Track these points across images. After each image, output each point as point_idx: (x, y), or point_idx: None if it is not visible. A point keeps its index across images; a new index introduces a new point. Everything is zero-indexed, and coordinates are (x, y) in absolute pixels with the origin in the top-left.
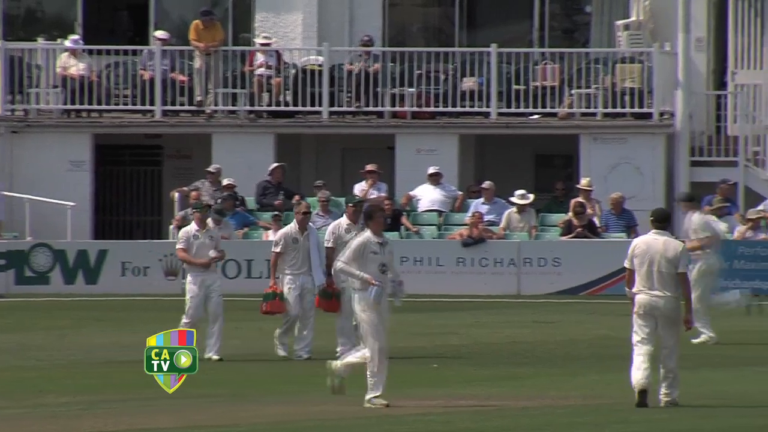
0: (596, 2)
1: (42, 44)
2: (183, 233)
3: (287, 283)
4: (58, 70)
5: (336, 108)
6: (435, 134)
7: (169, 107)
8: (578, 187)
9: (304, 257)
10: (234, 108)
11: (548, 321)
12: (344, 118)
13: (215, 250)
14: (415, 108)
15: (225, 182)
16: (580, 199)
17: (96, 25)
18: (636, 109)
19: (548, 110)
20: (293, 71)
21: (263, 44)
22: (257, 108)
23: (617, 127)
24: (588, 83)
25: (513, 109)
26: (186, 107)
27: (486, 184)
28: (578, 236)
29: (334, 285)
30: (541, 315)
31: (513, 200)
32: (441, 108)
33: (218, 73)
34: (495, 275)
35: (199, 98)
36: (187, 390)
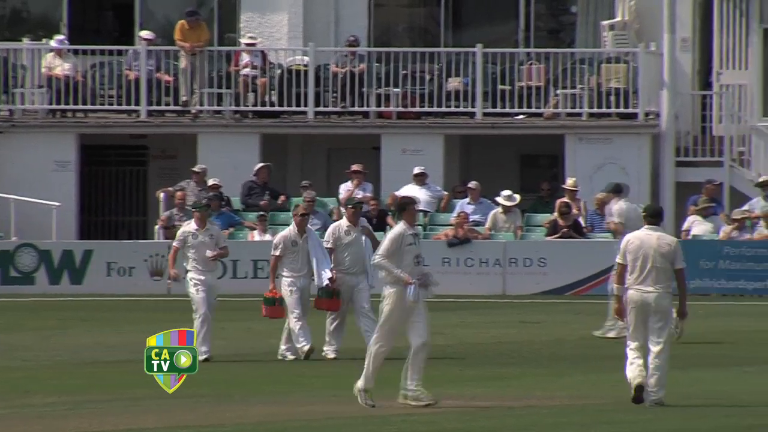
0: (582, 2)
1: (27, 44)
2: (181, 232)
3: (288, 286)
4: (44, 70)
5: (321, 108)
6: (420, 134)
7: (155, 107)
8: (564, 188)
9: (304, 260)
10: (219, 108)
11: (534, 321)
12: (330, 119)
13: (212, 250)
14: (401, 108)
15: (210, 182)
16: (566, 200)
17: (81, 25)
18: (621, 110)
19: (534, 110)
20: (279, 71)
21: (248, 44)
22: (243, 108)
23: (603, 128)
24: (573, 83)
25: (498, 110)
26: (171, 107)
27: (472, 185)
28: (564, 236)
29: (335, 284)
30: (527, 315)
31: (499, 201)
32: (426, 108)
33: (203, 74)
34: (480, 275)
35: (185, 98)
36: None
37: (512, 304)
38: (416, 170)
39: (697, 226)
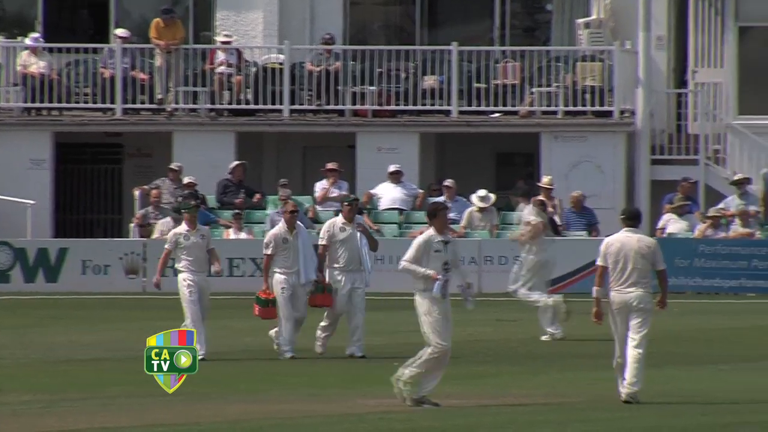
0: (557, 0)
1: (2, 42)
2: (171, 234)
3: (280, 284)
4: (19, 68)
5: (297, 106)
6: (396, 132)
7: (130, 105)
8: (539, 186)
9: (295, 257)
10: (195, 106)
11: (510, 319)
12: (305, 117)
13: (204, 250)
14: (376, 106)
15: (186, 180)
16: (541, 198)
17: (57, 23)
18: (597, 108)
19: (509, 108)
20: (254, 69)
21: (224, 42)
22: (218, 106)
23: (578, 126)
24: (549, 81)
25: (474, 108)
26: (147, 105)
27: (447, 183)
28: None
29: (326, 281)
30: (503, 313)
31: (473, 201)
32: (402, 106)
33: (179, 72)
34: (456, 273)
35: (160, 96)
36: (148, 389)
37: (488, 303)
38: (391, 168)
39: (673, 225)
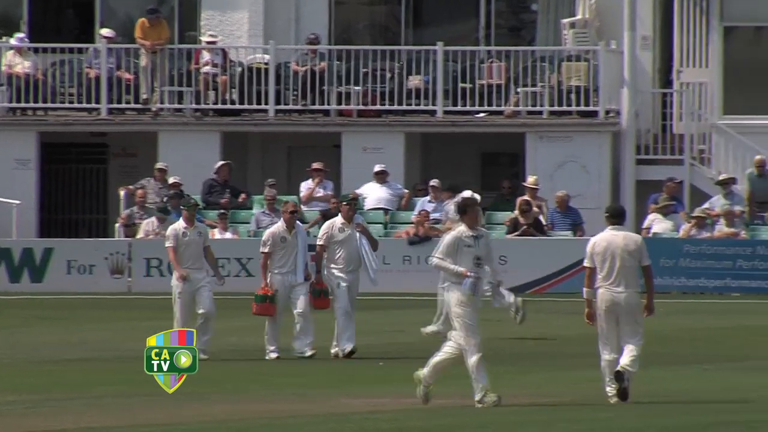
0: (542, 0)
1: None
2: (171, 231)
3: (276, 283)
4: (4, 68)
5: (282, 106)
6: (381, 132)
7: (115, 105)
8: (524, 186)
9: (293, 256)
10: (180, 106)
11: (495, 319)
12: (290, 117)
13: (201, 247)
14: (361, 106)
15: (171, 180)
16: (527, 198)
17: (42, 24)
18: (582, 108)
19: (494, 108)
20: (239, 69)
21: (209, 42)
22: (203, 106)
23: (563, 126)
24: (534, 81)
25: (459, 108)
26: (132, 105)
27: (433, 183)
28: (524, 234)
29: (323, 283)
30: (488, 313)
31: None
32: (387, 106)
33: (164, 72)
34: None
35: (145, 96)
36: (134, 389)
37: None
38: (377, 168)
39: (658, 224)
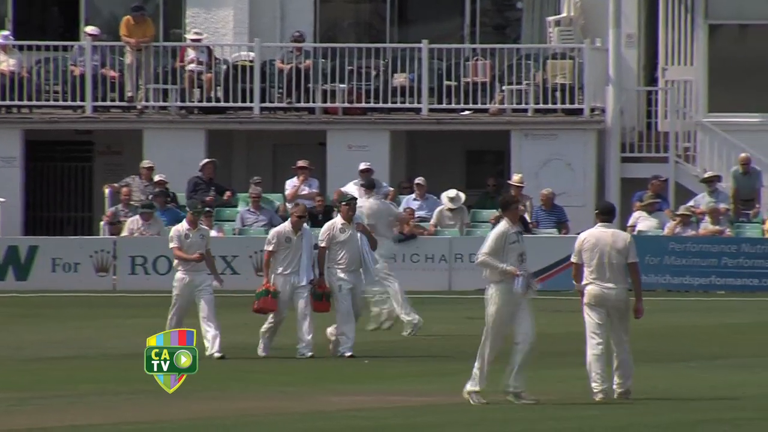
0: None
1: None
2: (174, 232)
3: (279, 284)
4: None
5: (267, 104)
6: (366, 130)
7: (100, 103)
8: (509, 183)
9: (297, 257)
10: (165, 104)
11: (480, 317)
12: (275, 114)
13: (203, 249)
14: (347, 104)
15: (157, 178)
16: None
17: (27, 21)
18: (567, 105)
19: (479, 106)
20: (224, 67)
21: (194, 40)
22: (188, 104)
23: (548, 123)
24: (519, 79)
25: (444, 105)
26: (117, 103)
27: (418, 180)
28: None
29: (325, 285)
30: (473, 311)
31: (443, 201)
32: (372, 104)
33: (149, 69)
34: (426, 271)
35: (130, 94)
36: (119, 387)
37: (458, 300)
38: (362, 166)
39: (643, 222)
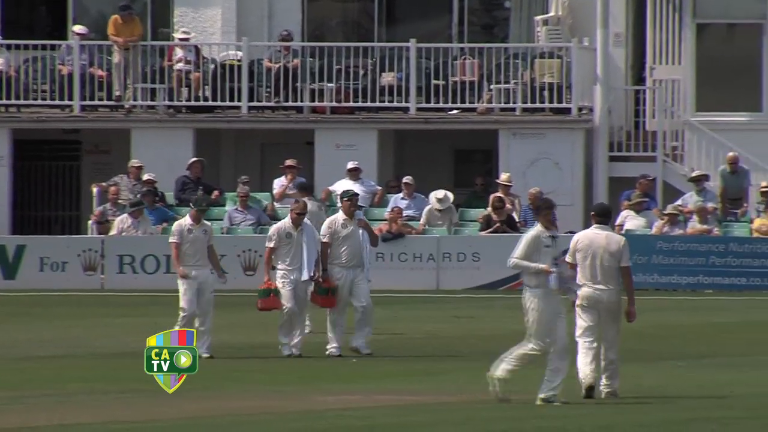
0: None
1: None
2: (176, 227)
3: (280, 278)
4: None
5: (255, 103)
6: (354, 129)
7: (88, 102)
8: (497, 182)
9: (298, 253)
10: (153, 103)
11: (468, 316)
12: (263, 113)
13: (206, 245)
14: (334, 103)
15: (145, 177)
16: (500, 194)
17: (14, 20)
18: (555, 105)
19: (467, 105)
20: (212, 66)
21: (182, 39)
22: (176, 103)
23: (536, 123)
24: (507, 78)
25: (432, 104)
26: (105, 102)
27: (406, 180)
28: (497, 231)
29: (330, 281)
30: (461, 310)
31: (432, 202)
32: (360, 103)
33: (137, 68)
34: (414, 270)
35: (118, 93)
36: (108, 386)
37: (446, 299)
38: (350, 165)
39: (631, 221)
